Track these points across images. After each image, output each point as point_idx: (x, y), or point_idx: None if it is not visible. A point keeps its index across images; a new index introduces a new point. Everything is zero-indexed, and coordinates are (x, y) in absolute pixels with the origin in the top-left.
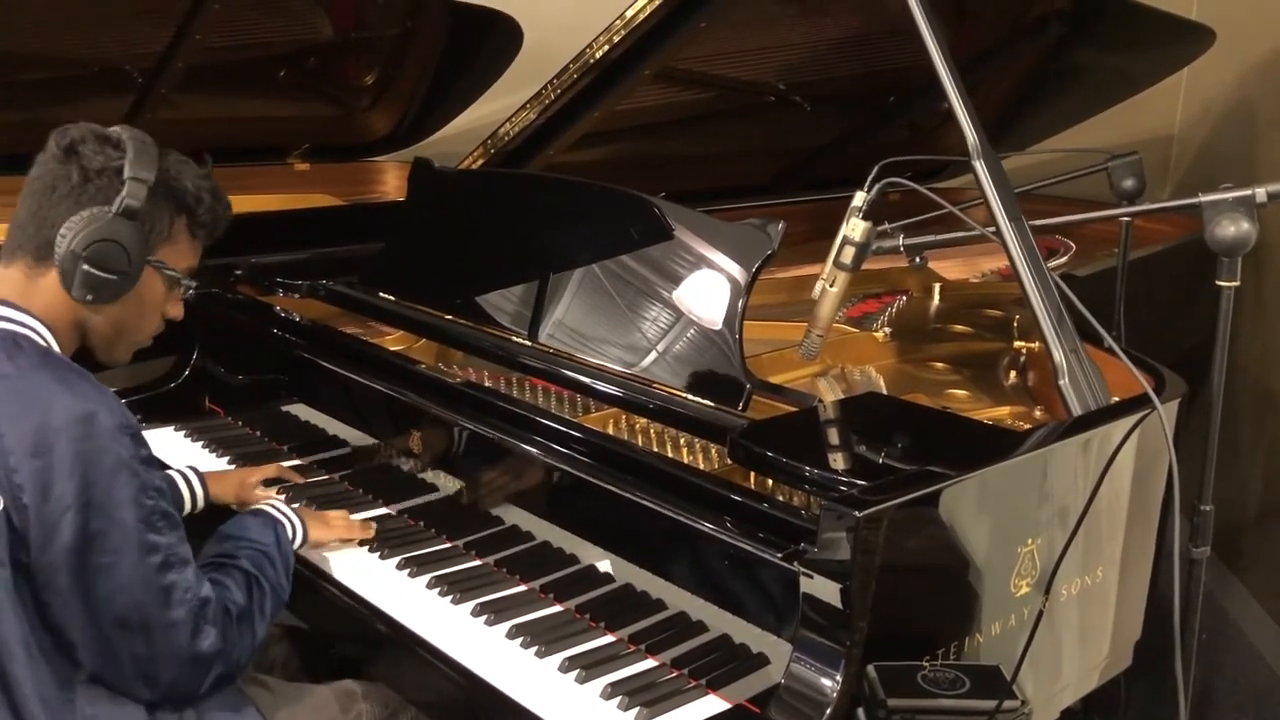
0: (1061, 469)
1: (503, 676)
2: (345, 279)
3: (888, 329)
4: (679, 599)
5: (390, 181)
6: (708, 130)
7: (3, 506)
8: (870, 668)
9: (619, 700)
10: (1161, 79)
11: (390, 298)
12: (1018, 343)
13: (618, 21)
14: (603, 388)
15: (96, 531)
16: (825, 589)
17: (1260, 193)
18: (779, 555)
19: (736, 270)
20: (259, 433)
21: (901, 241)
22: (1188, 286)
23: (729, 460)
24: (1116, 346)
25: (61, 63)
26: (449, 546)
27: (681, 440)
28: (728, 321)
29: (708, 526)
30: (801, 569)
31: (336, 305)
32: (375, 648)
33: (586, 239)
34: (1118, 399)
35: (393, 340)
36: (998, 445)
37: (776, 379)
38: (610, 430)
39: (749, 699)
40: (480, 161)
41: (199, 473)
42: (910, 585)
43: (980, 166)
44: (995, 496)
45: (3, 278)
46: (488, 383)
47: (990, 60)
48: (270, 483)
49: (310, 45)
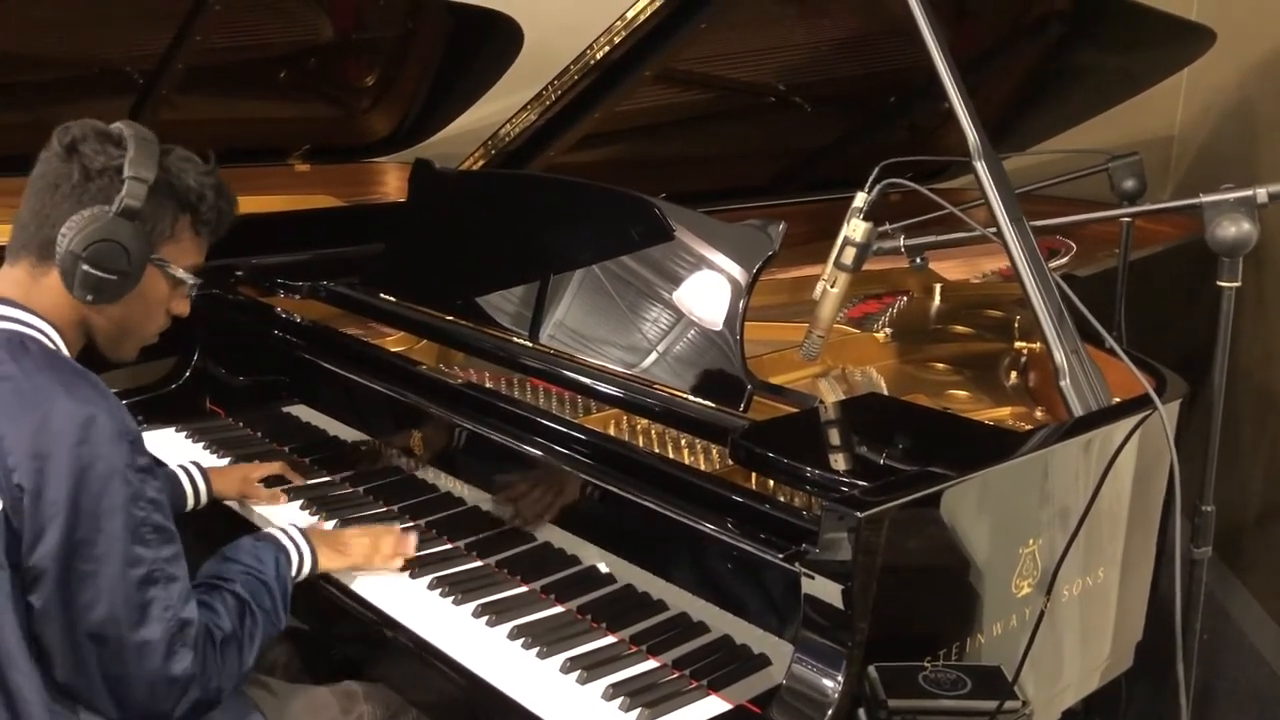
0: (1063, 470)
1: (504, 677)
2: (346, 280)
3: (888, 330)
4: (680, 600)
5: (391, 182)
6: (708, 131)
7: (2, 508)
8: (871, 668)
9: (620, 701)
10: (1162, 79)
11: (391, 299)
12: (1019, 343)
13: (618, 22)
14: (604, 389)
15: (82, 538)
16: (826, 590)
17: (1261, 193)
18: (780, 556)
19: (737, 271)
20: (260, 434)
21: (902, 242)
22: (1189, 287)
23: (730, 461)
24: (1118, 347)
25: (62, 64)
26: (450, 548)
27: (682, 441)
28: (729, 322)
29: (709, 527)
30: (803, 570)
31: (337, 306)
32: (376, 649)
33: (587, 240)
34: (1119, 400)
35: (393, 341)
36: (999, 446)
37: (777, 380)
38: (611, 431)
39: (750, 700)
40: (481, 162)
41: (201, 468)
42: (911, 586)
43: (981, 167)
44: (996, 497)
45: (7, 276)
46: (489, 384)
47: (991, 61)
48: (272, 481)
49: (311, 46)
